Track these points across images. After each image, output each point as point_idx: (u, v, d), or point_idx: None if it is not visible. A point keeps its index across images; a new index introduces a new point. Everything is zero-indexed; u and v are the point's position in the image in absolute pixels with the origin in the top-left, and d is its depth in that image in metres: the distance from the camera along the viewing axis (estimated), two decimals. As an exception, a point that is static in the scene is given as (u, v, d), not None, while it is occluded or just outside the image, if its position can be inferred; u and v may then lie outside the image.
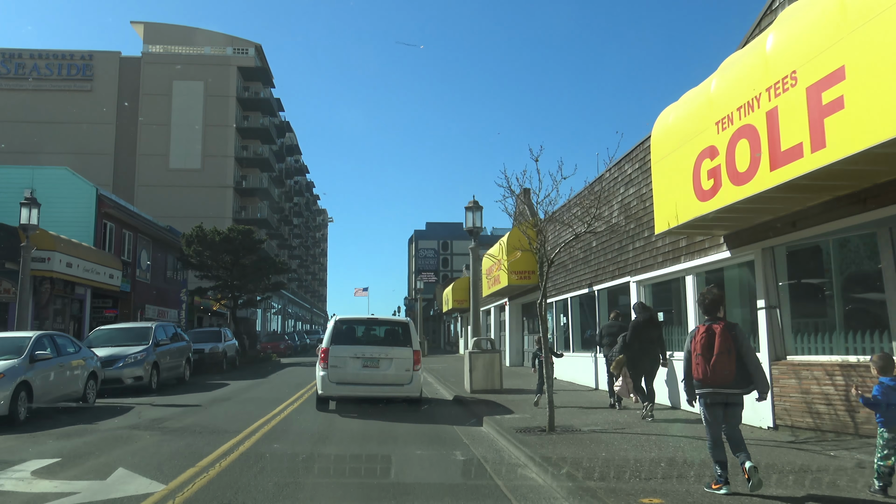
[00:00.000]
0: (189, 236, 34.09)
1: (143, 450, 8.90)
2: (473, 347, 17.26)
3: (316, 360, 13.74)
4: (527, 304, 26.24)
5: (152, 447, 9.13)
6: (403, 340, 13.11)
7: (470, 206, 18.43)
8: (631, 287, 14.40)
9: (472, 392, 16.46)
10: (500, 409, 13.27)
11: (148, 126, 60.22)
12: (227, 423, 11.56)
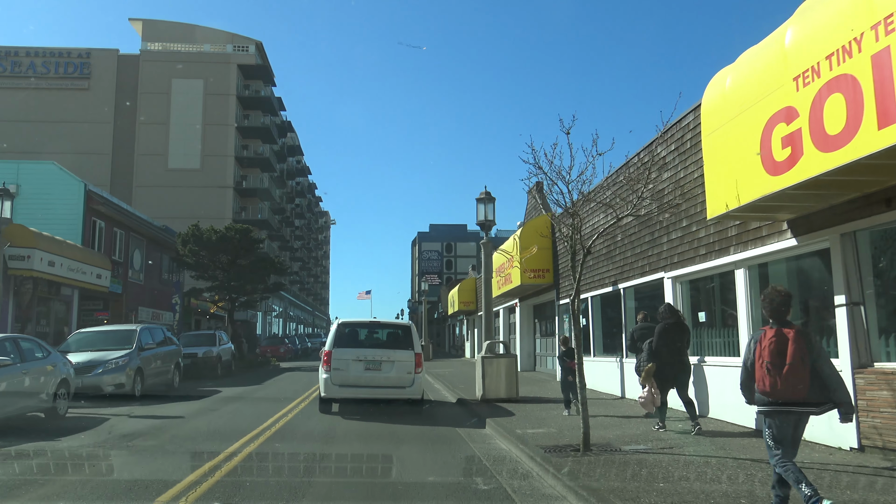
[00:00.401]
0: (185, 236, 32.57)
1: (97, 478, 7.30)
2: (486, 352, 15.66)
3: (317, 364, 13.99)
4: (539, 306, 24.64)
5: (111, 474, 7.54)
6: (405, 343, 13.17)
7: (482, 198, 16.87)
8: (665, 284, 12.79)
9: (484, 400, 14.87)
10: (520, 420, 11.69)
11: (146, 125, 58.81)
12: (208, 441, 10.00)
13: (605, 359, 16.40)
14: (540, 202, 22.60)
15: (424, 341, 39.01)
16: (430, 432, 11.11)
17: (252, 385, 21.36)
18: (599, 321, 17.14)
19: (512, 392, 15.16)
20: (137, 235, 31.92)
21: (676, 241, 12.27)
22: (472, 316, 38.49)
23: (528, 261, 19.81)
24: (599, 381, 16.29)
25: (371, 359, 12.75)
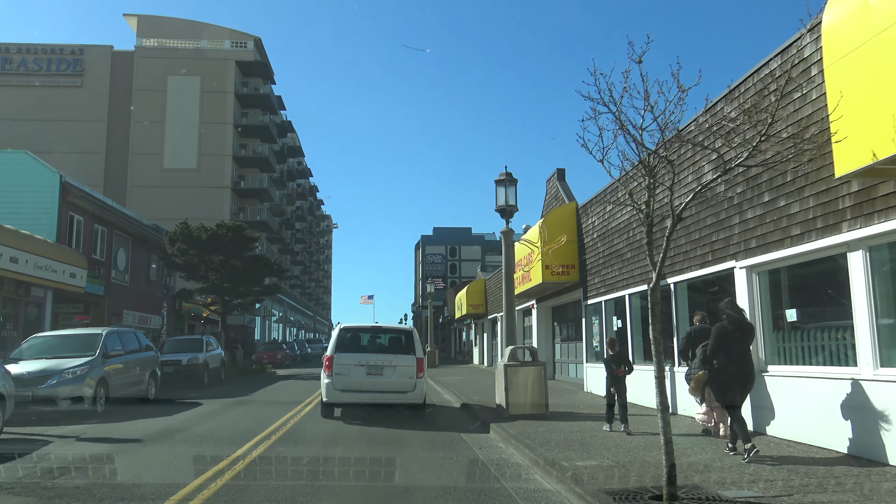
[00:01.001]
0: (173, 234, 30.13)
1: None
2: (509, 359, 13.15)
3: (317, 371, 14.41)
4: (560, 307, 22.10)
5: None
6: (407, 348, 13.01)
7: (502, 180, 14.37)
8: (736, 276, 10.26)
9: (510, 417, 12.36)
10: (560, 445, 9.17)
11: (141, 123, 56.52)
12: (161, 476, 7.51)
13: (647, 367, 13.86)
14: (562, 191, 20.11)
15: (430, 347, 36.51)
16: (447, 461, 8.62)
17: (239, 396, 18.85)
18: (639, 323, 14.61)
19: (540, 406, 12.65)
20: (122, 233, 29.47)
21: (754, 221, 9.75)
22: (482, 320, 35.97)
23: (554, 254, 17.27)
24: (641, 393, 13.77)
25: (373, 364, 12.57)
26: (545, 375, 12.91)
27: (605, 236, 16.09)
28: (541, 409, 12.62)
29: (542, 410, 12.60)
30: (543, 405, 12.69)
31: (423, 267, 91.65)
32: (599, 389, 16.33)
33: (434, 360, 35.68)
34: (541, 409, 12.61)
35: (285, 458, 8.86)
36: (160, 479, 7.45)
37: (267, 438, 10.42)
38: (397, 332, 14.19)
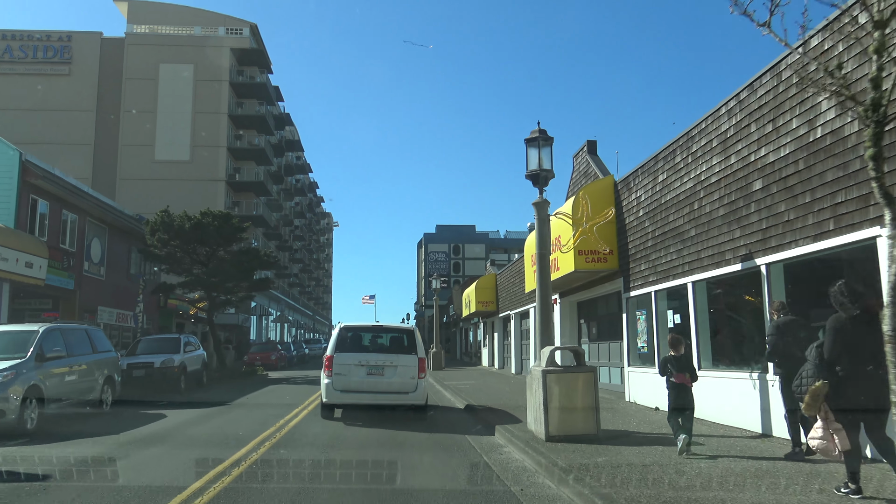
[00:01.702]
0: (153, 223, 27.17)
1: None
2: (548, 363, 10.17)
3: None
4: (589, 302, 19.14)
5: None
6: (408, 348, 12.63)
7: (534, 138, 11.39)
8: (880, 247, 7.27)
9: (551, 438, 9.41)
10: (646, 486, 6.20)
11: (132, 113, 53.63)
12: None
13: (720, 373, 10.88)
14: (594, 165, 17.13)
15: (436, 347, 33.56)
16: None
17: (217, 405, 15.87)
18: (707, 317, 11.62)
19: (590, 424, 9.67)
20: (97, 222, 26.52)
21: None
22: (492, 318, 32.98)
23: (599, 231, 14.23)
24: (711, 407, 10.80)
25: (373, 364, 12.23)
26: (596, 384, 9.92)
27: (656, 213, 13.12)
28: (591, 428, 9.65)
29: (592, 430, 9.63)
30: (594, 423, 9.70)
31: (426, 265, 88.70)
32: (646, 399, 13.37)
33: (440, 362, 32.74)
34: (591, 429, 9.63)
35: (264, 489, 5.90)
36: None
37: (226, 474, 7.46)
38: (398, 331, 13.66)
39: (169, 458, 8.87)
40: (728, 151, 10.33)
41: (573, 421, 9.61)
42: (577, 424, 9.61)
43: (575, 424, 9.60)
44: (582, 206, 12.55)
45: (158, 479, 7.27)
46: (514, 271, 27.24)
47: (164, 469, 8.06)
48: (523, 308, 25.61)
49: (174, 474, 7.54)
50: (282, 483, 7.18)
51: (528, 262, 20.10)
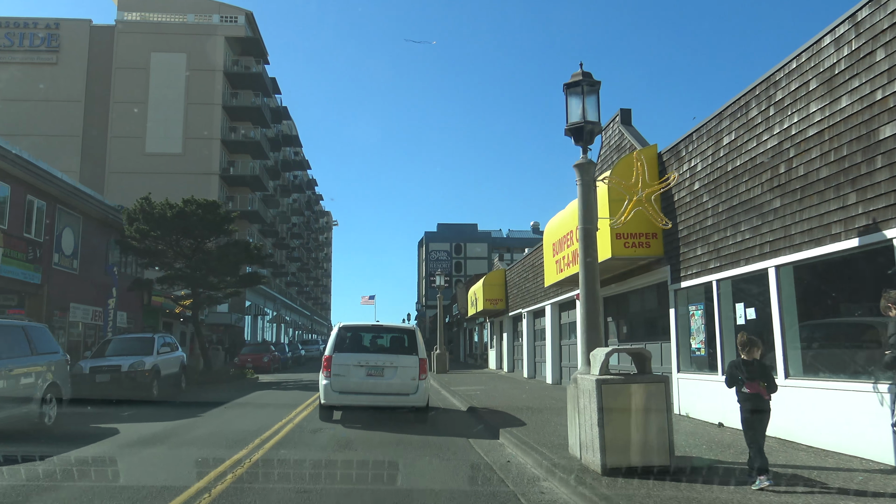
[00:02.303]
0: (132, 211, 24.67)
1: None
2: (601, 369, 7.65)
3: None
4: (618, 297, 16.63)
5: None
6: (409, 348, 12.14)
7: (575, 82, 8.93)
8: None
9: (610, 471, 6.92)
10: None
11: (121, 104, 51.25)
12: None
13: (819, 384, 8.37)
14: (630, 136, 14.61)
15: (439, 349, 31.04)
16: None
17: (184, 418, 13.33)
18: (794, 313, 9.10)
19: (663, 453, 7.14)
20: (69, 210, 23.99)
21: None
22: (501, 317, 30.44)
23: (657, 201, 11.66)
24: (813, 429, 8.28)
25: (373, 364, 11.88)
26: (668, 398, 7.39)
27: (719, 183, 10.61)
28: (663, 457, 7.12)
29: (664, 460, 7.11)
30: (667, 451, 7.17)
31: (427, 264, 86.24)
32: (704, 412, 10.88)
33: (444, 365, 30.21)
34: (663, 458, 7.11)
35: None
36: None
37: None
38: (399, 331, 13.16)
39: (89, 498, 6.36)
40: (837, 93, 7.83)
41: (639, 447, 7.11)
42: (643, 452, 7.10)
43: (641, 452, 7.10)
44: (636, 168, 9.86)
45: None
46: (527, 266, 24.73)
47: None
48: (538, 305, 23.07)
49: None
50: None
51: (547, 251, 17.58)
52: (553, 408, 13.62)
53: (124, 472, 7.49)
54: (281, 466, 7.99)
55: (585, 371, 8.29)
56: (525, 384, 21.78)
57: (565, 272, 15.79)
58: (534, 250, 23.76)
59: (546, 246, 17.65)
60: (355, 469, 7.82)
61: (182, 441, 10.23)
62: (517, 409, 13.44)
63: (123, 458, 8.40)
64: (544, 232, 17.82)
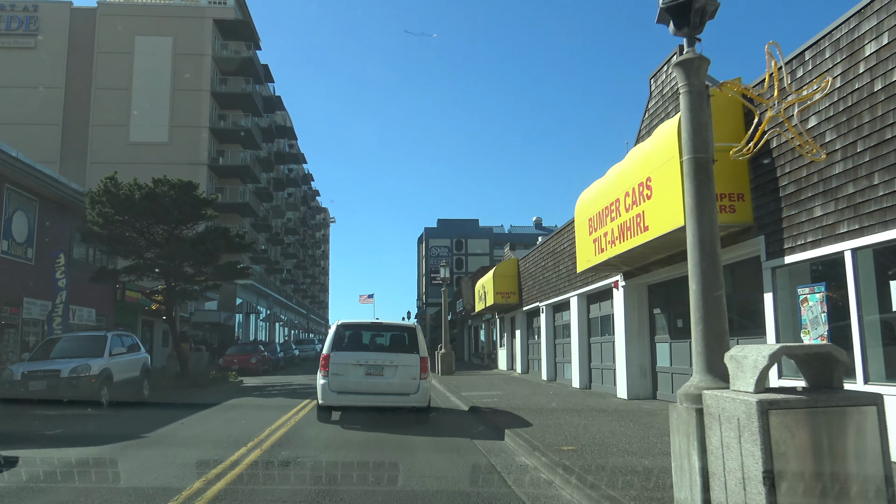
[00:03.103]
0: (95, 193, 21.47)
1: None
2: (757, 384, 4.39)
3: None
4: (669, 284, 13.44)
5: None
6: (410, 347, 11.62)
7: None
8: None
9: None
10: None
11: (104, 91, 48.16)
12: None
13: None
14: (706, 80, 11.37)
15: (444, 348, 27.88)
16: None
17: (125, 440, 10.07)
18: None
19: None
20: (21, 191, 20.78)
21: None
22: (514, 312, 27.22)
23: (735, 165, 8.42)
24: None
25: (372, 363, 11.28)
26: (884, 430, 4.18)
27: (852, 115, 7.43)
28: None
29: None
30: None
31: (427, 261, 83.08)
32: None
33: (450, 366, 27.04)
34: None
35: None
36: None
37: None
38: (399, 329, 12.60)
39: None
40: None
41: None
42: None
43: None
44: (770, 69, 6.47)
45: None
46: (546, 253, 21.54)
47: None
48: (560, 297, 19.88)
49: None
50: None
51: (580, 230, 14.37)
52: (606, 427, 10.42)
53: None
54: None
55: (709, 382, 5.10)
56: (547, 388, 18.62)
57: (608, 252, 12.58)
58: (554, 235, 20.58)
59: (579, 224, 14.46)
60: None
61: (94, 482, 7.03)
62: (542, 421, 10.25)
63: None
64: (577, 207, 14.63)
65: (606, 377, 16.77)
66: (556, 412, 12.22)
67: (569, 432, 9.54)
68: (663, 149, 10.06)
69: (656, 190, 10.35)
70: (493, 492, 6.46)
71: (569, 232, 18.89)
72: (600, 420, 10.90)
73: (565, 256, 19.19)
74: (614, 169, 12.67)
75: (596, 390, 17.20)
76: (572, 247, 18.45)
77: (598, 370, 17.47)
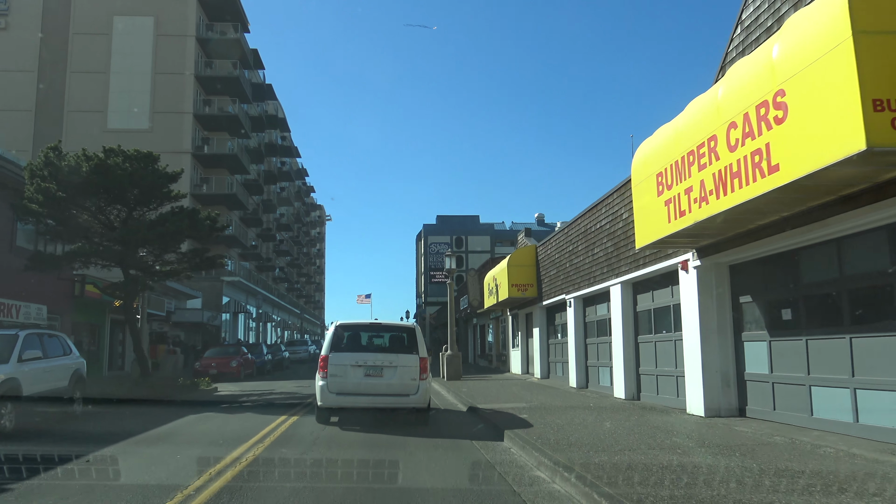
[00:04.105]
0: (35, 166, 17.75)
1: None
2: None
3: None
4: (763, 262, 9.76)
5: None
6: (409, 347, 11.41)
7: None
8: None
9: None
10: None
11: (80, 74, 44.61)
12: None
13: None
14: None
15: (450, 349, 24.23)
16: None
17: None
18: None
19: None
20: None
21: None
22: (530, 308, 23.49)
23: None
24: None
25: (371, 364, 11.05)
26: None
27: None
28: None
29: None
30: None
31: (426, 259, 79.53)
32: None
33: (457, 370, 23.37)
34: None
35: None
36: None
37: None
38: (398, 329, 12.23)
39: None
40: None
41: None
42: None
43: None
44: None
45: None
46: (576, 234, 17.87)
47: None
48: (596, 287, 16.19)
49: None
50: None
51: (644, 190, 10.64)
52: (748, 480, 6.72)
53: None
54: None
55: None
56: (582, 398, 14.95)
57: (693, 215, 8.89)
58: (587, 212, 16.90)
59: (640, 184, 10.77)
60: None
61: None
62: (625, 459, 6.57)
63: None
64: (635, 163, 10.95)
65: (664, 385, 13.08)
66: (620, 437, 8.54)
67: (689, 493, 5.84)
68: (817, 37, 6.39)
69: (798, 106, 6.67)
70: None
71: (608, 206, 15.22)
72: (714, 461, 7.20)
73: (603, 236, 15.52)
74: (698, 102, 9.00)
75: (648, 402, 13.52)
76: (614, 223, 14.77)
77: (650, 376, 13.79)
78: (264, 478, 7.05)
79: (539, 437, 8.86)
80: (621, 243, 14.35)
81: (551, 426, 10.01)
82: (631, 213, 13.35)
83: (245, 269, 51.11)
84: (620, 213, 14.32)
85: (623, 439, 8.68)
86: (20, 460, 7.78)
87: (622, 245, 14.30)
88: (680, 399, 12.10)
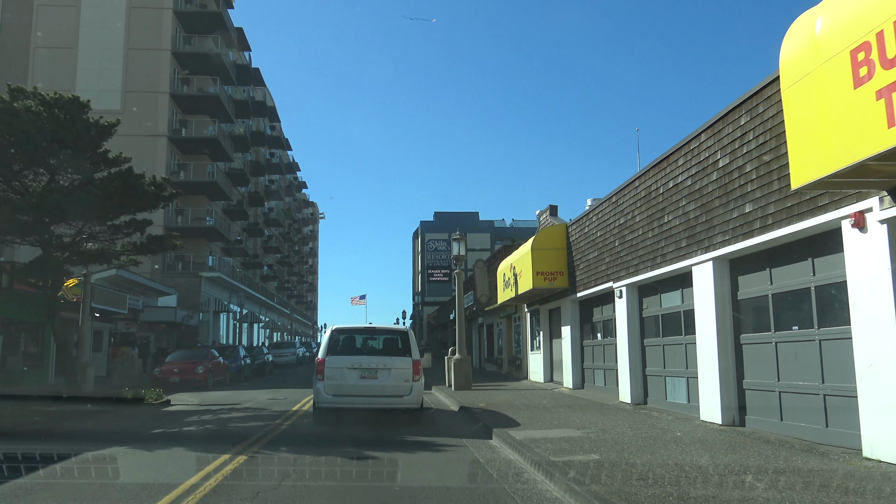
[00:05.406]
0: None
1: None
2: None
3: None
4: None
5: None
6: (402, 350, 11.70)
7: None
8: None
9: None
10: None
11: (45, 50, 40.24)
12: None
13: None
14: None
15: (460, 352, 19.93)
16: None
17: None
18: None
19: None
20: None
21: None
22: (557, 302, 19.09)
23: None
24: None
25: (366, 367, 11.33)
26: None
27: None
28: None
29: None
30: None
31: (424, 257, 75.21)
32: None
33: (467, 377, 19.04)
34: None
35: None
36: None
37: None
38: (392, 333, 12.47)
39: None
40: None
41: None
42: None
43: None
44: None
45: None
46: (631, 201, 13.51)
47: None
48: (665, 270, 11.82)
49: None
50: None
51: (823, 82, 6.33)
52: None
53: None
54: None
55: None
56: (649, 420, 10.64)
57: None
58: (654, 164, 12.54)
59: (813, 72, 6.43)
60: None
61: None
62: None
63: None
64: (791, 47, 6.66)
65: (796, 407, 8.72)
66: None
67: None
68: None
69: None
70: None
71: (691, 154, 10.87)
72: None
73: (681, 198, 11.18)
74: None
75: (759, 430, 9.18)
76: (702, 177, 10.43)
77: (760, 392, 9.45)
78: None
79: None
80: (714, 204, 10.02)
81: (659, 482, 5.64)
82: (732, 158, 9.17)
83: (228, 266, 46.61)
84: (715, 161, 9.99)
85: None
86: None
87: (716, 206, 9.97)
88: (832, 430, 7.76)
